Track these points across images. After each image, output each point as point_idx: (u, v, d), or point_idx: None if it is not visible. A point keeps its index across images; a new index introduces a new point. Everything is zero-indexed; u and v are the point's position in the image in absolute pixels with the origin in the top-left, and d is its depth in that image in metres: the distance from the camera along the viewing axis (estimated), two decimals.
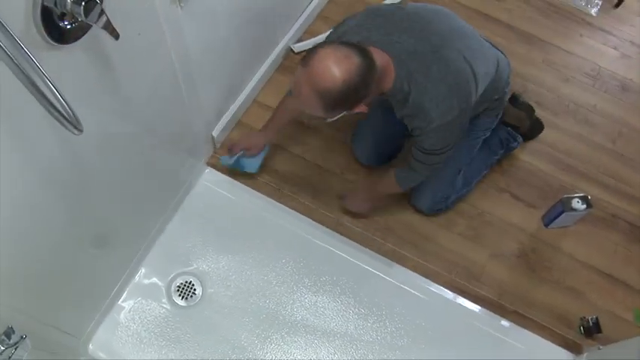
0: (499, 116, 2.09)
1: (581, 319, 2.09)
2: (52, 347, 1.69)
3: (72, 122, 1.02)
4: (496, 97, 1.94)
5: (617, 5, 2.84)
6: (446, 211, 2.24)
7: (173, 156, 1.97)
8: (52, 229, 1.40)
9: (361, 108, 1.51)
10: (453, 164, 2.09)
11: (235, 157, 2.11)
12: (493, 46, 1.89)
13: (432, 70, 1.57)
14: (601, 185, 2.37)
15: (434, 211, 2.21)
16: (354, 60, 1.40)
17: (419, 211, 2.22)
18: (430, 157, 1.77)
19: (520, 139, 2.32)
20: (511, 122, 2.29)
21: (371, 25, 1.63)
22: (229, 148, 2.16)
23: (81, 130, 1.05)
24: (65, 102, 1.02)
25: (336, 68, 1.38)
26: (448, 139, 1.71)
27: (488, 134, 2.13)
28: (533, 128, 2.39)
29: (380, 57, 1.52)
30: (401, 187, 2.00)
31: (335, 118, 1.52)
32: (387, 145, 2.24)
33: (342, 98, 1.42)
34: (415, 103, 1.60)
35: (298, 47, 2.52)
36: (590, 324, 2.06)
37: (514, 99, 2.31)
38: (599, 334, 2.06)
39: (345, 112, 1.51)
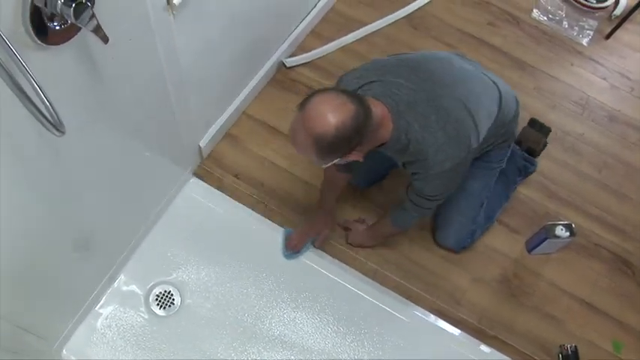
0: (511, 146, 2.09)
1: (560, 347, 2.09)
2: (23, 350, 1.67)
3: (54, 124, 1.02)
4: (502, 130, 1.91)
5: (608, 37, 2.87)
6: (471, 245, 2.23)
7: (158, 164, 1.96)
8: (31, 230, 1.39)
9: (356, 156, 1.50)
10: (473, 200, 2.10)
11: (304, 249, 2.15)
12: (493, 82, 1.84)
13: (430, 120, 1.56)
14: (585, 214, 2.38)
15: (461, 248, 2.20)
16: (350, 107, 1.37)
17: (446, 249, 2.22)
18: (424, 202, 1.77)
19: (536, 162, 2.36)
20: (529, 145, 2.36)
21: (372, 78, 1.62)
22: (292, 246, 2.13)
23: (63, 132, 1.04)
24: (49, 103, 1.01)
25: (330, 115, 1.36)
26: (448, 186, 1.72)
27: (504, 165, 2.11)
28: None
29: (378, 108, 1.50)
30: (396, 228, 2.03)
31: (328, 164, 1.50)
32: (376, 170, 2.25)
33: (336, 144, 1.39)
34: (414, 152, 1.59)
35: (290, 62, 2.52)
36: (569, 352, 2.06)
37: (534, 123, 2.43)
38: None
39: (338, 160, 1.48)
